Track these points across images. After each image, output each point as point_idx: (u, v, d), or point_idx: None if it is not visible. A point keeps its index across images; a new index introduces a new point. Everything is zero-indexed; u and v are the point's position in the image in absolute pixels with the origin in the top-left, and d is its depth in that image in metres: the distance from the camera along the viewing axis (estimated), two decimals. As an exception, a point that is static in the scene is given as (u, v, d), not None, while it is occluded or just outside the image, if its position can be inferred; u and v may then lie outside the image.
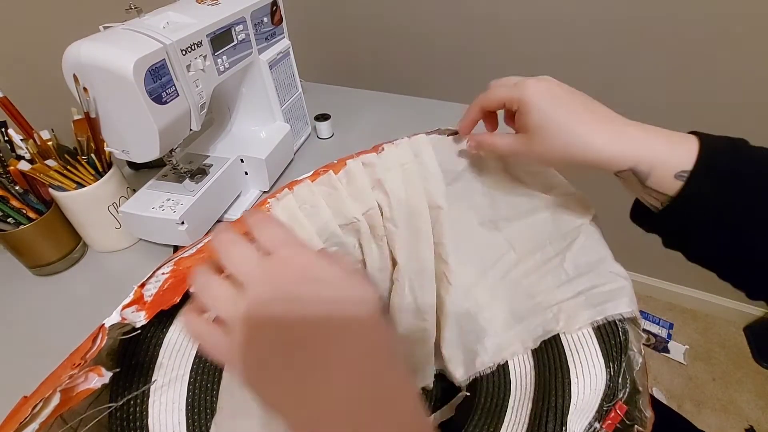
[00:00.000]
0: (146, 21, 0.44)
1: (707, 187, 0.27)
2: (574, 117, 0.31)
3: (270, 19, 0.59)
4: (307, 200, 0.35)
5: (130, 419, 0.28)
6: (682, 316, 1.24)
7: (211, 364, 0.31)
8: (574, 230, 0.38)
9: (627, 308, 0.33)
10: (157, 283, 0.29)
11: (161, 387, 0.29)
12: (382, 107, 0.81)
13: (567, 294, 0.36)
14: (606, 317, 0.33)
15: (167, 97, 0.43)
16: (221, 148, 0.60)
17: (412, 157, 0.38)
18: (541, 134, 0.32)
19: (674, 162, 0.28)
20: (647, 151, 0.29)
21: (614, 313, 0.33)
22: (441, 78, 1.10)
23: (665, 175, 0.28)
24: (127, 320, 0.27)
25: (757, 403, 1.06)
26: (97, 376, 0.24)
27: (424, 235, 0.37)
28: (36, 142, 0.45)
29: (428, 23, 1.01)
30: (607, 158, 0.30)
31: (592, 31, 0.88)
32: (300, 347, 0.20)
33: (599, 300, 0.34)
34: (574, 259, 0.37)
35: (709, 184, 0.27)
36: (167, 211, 0.47)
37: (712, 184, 0.27)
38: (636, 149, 0.29)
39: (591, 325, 0.33)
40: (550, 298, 0.37)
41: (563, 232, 0.39)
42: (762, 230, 0.27)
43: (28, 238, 0.46)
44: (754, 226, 0.27)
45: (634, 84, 0.91)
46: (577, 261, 0.37)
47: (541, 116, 0.32)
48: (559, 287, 0.37)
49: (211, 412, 0.30)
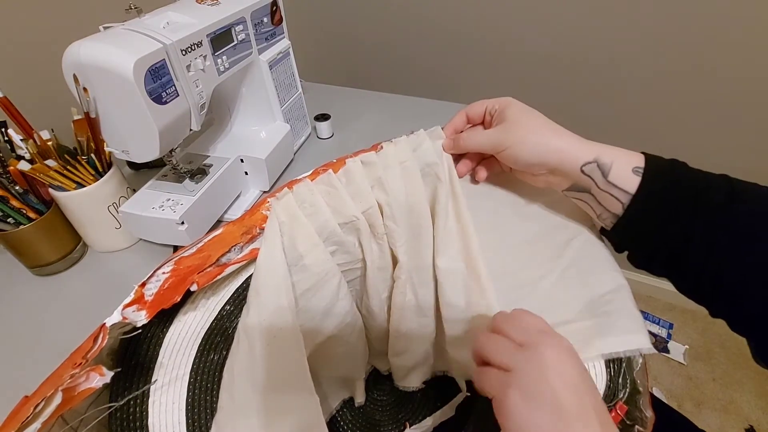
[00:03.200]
0: (146, 21, 0.44)
1: (660, 183, 0.31)
2: (545, 125, 0.35)
3: (270, 19, 0.59)
4: (306, 199, 0.35)
5: (130, 419, 0.28)
6: (682, 316, 1.24)
7: (211, 364, 0.31)
8: (575, 232, 0.38)
9: (645, 345, 0.32)
10: (158, 282, 0.29)
11: (161, 387, 0.29)
12: (382, 107, 0.81)
13: (573, 311, 0.35)
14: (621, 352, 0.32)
15: (167, 97, 0.43)
16: (221, 148, 0.60)
17: (411, 155, 0.38)
18: (515, 127, 0.35)
19: (630, 159, 0.32)
20: (607, 150, 0.33)
21: (630, 348, 0.32)
22: (441, 78, 1.10)
23: (624, 168, 0.32)
24: (128, 319, 0.27)
25: (757, 403, 1.06)
26: (98, 376, 0.24)
27: (424, 233, 0.37)
28: (36, 142, 0.45)
29: (428, 23, 1.01)
30: (574, 152, 0.33)
31: (593, 30, 0.88)
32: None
33: (609, 329, 0.33)
34: (575, 266, 0.37)
35: (661, 181, 0.31)
36: (167, 211, 0.47)
37: (663, 182, 0.31)
38: (598, 148, 0.33)
39: (603, 357, 0.32)
40: (558, 311, 0.35)
41: (564, 233, 0.39)
42: (708, 232, 0.29)
43: (28, 238, 0.46)
44: (701, 229, 0.29)
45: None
46: (582, 268, 0.37)
47: (518, 112, 0.36)
48: (566, 298, 0.36)
49: (211, 412, 0.30)
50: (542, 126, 0.35)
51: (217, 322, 0.32)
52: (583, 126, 0.97)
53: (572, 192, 0.36)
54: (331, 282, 0.35)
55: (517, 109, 0.36)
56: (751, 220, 0.29)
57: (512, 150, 0.35)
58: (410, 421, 0.45)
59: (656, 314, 1.24)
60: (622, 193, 0.32)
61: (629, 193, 0.31)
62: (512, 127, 0.35)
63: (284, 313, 0.31)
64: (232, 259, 0.31)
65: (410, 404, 0.46)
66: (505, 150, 0.35)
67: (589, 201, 0.35)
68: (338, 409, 0.45)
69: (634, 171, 0.31)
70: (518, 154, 0.35)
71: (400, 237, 0.37)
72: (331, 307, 0.35)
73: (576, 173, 0.33)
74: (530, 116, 0.35)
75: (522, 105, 0.36)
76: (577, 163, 0.33)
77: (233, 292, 0.33)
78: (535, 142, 0.34)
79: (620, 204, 0.32)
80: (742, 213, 0.29)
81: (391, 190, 0.37)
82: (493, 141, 0.36)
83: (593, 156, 0.32)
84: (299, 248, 0.33)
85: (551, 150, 0.33)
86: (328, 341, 0.36)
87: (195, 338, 0.31)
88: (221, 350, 0.32)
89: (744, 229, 0.28)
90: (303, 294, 0.34)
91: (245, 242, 0.32)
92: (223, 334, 0.32)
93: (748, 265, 0.28)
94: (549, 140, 0.34)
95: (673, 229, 0.30)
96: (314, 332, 0.35)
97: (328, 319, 0.36)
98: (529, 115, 0.35)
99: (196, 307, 0.31)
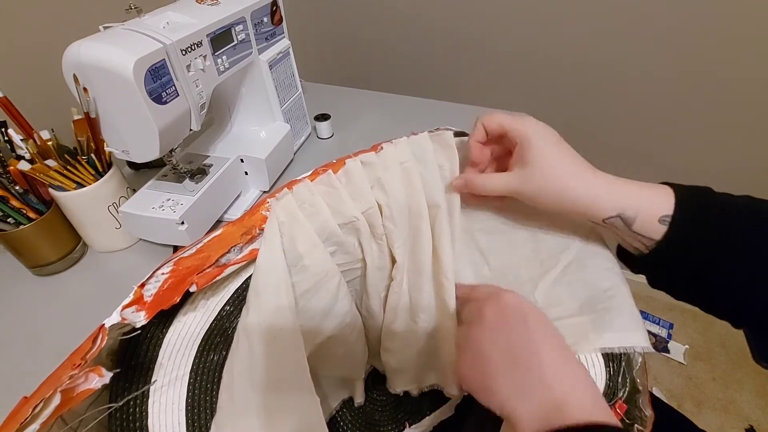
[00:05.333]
0: (146, 21, 0.44)
1: (688, 229, 0.30)
2: (568, 168, 0.33)
3: (270, 19, 0.59)
4: (306, 200, 0.35)
5: (129, 419, 0.28)
6: (682, 316, 1.24)
7: (211, 365, 0.31)
8: (577, 231, 0.38)
9: (643, 343, 0.32)
10: (157, 283, 0.29)
11: (161, 387, 0.29)
12: (382, 107, 0.81)
13: (572, 308, 0.35)
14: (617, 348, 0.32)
15: (167, 97, 0.43)
16: (221, 148, 0.60)
17: (411, 156, 0.38)
18: (537, 171, 0.33)
19: (656, 209, 0.31)
20: (632, 199, 0.31)
21: (626, 345, 0.32)
22: (441, 78, 1.10)
23: (650, 219, 0.31)
24: (127, 320, 0.27)
25: (757, 403, 1.06)
26: (97, 377, 0.24)
27: (423, 234, 0.37)
28: (36, 142, 0.45)
29: (428, 23, 1.01)
30: (598, 204, 0.32)
31: (593, 30, 0.88)
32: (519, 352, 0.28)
33: (607, 325, 0.33)
34: (576, 264, 0.37)
35: (688, 227, 0.30)
36: (167, 211, 0.47)
37: (690, 228, 0.30)
38: (623, 197, 0.32)
39: (601, 351, 0.32)
40: (558, 307, 0.35)
41: (566, 232, 0.38)
42: (735, 263, 0.29)
43: (28, 238, 0.46)
44: (729, 261, 0.29)
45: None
46: (584, 265, 0.36)
47: (540, 154, 0.33)
48: (567, 295, 0.36)
49: (211, 412, 0.30)
50: (565, 171, 0.33)
51: (216, 323, 0.32)
52: (583, 126, 0.97)
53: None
54: (331, 282, 0.35)
55: (538, 151, 0.33)
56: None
57: (533, 199, 0.34)
58: (410, 421, 0.45)
59: (656, 314, 1.24)
60: (646, 239, 0.31)
61: (654, 240, 0.31)
62: (533, 175, 0.33)
63: (284, 313, 0.31)
64: (231, 259, 0.31)
65: (410, 404, 0.46)
66: (525, 199, 0.35)
67: (613, 236, 0.35)
68: (338, 409, 0.45)
69: (660, 221, 0.30)
70: (539, 202, 0.34)
71: (398, 238, 0.37)
72: (331, 307, 0.35)
73: (599, 222, 0.33)
74: (551, 160, 0.33)
75: (542, 139, 0.33)
76: (598, 217, 0.32)
77: (233, 293, 0.33)
78: (555, 193, 0.33)
79: (644, 246, 0.32)
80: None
81: (390, 191, 0.37)
82: (512, 188, 0.35)
83: (617, 211, 0.31)
84: (299, 249, 0.33)
85: (573, 201, 0.32)
86: (327, 341, 0.36)
87: (195, 339, 0.31)
88: (221, 351, 0.32)
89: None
90: (303, 294, 0.34)
91: (245, 243, 0.32)
92: (222, 334, 0.32)
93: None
94: (571, 191, 0.32)
95: (698, 265, 0.30)
96: (314, 332, 0.35)
97: (328, 319, 0.36)
98: (549, 158, 0.33)
99: (196, 307, 0.31)
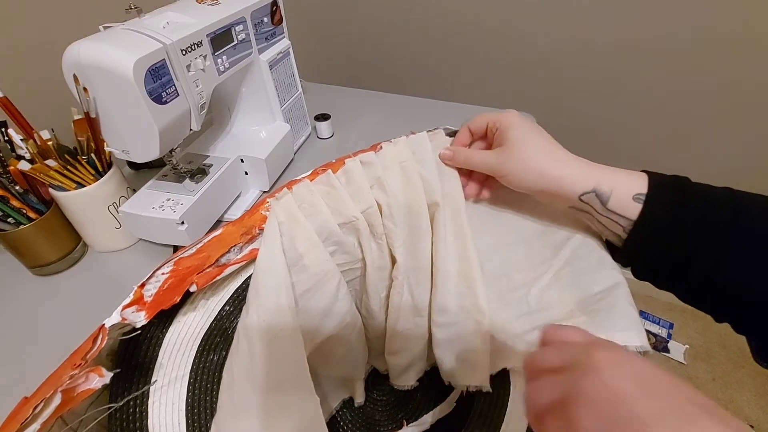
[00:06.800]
0: (146, 21, 0.44)
1: (663, 209, 0.30)
2: (545, 149, 0.35)
3: (270, 19, 0.59)
4: (306, 200, 0.35)
5: (130, 420, 0.28)
6: (682, 316, 1.24)
7: (211, 365, 0.31)
8: (571, 231, 0.38)
9: (638, 342, 0.32)
10: (157, 283, 0.29)
11: (161, 387, 0.29)
12: (382, 107, 0.81)
13: (568, 309, 0.35)
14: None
15: (167, 97, 0.43)
16: (221, 148, 0.60)
17: (411, 155, 0.38)
18: (516, 150, 0.34)
19: (631, 186, 0.31)
20: (607, 176, 0.32)
21: (624, 345, 0.32)
22: (441, 78, 1.10)
23: (624, 196, 0.31)
24: (128, 320, 0.27)
25: (757, 403, 1.06)
26: (97, 377, 0.24)
27: (422, 233, 0.37)
28: (36, 142, 0.45)
29: (428, 23, 1.01)
30: (573, 180, 0.33)
31: (591, 30, 0.88)
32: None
33: (604, 325, 0.33)
34: (570, 266, 0.37)
35: (664, 206, 0.30)
36: (167, 211, 0.47)
37: (665, 208, 0.30)
38: (598, 174, 0.33)
39: None
40: (552, 310, 0.36)
41: (560, 233, 0.38)
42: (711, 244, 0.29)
43: (28, 238, 0.46)
44: (707, 246, 0.29)
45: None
46: (577, 267, 0.36)
47: (519, 134, 0.35)
48: (560, 298, 0.36)
49: (211, 412, 0.30)
50: (541, 151, 0.34)
51: (216, 323, 0.32)
52: (580, 125, 0.98)
53: (574, 210, 0.35)
54: (331, 282, 0.35)
55: (518, 131, 0.35)
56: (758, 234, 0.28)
57: (510, 177, 0.35)
58: (410, 421, 0.45)
59: (656, 314, 1.24)
60: (622, 219, 0.32)
61: (630, 219, 0.31)
62: (511, 153, 0.34)
63: (284, 313, 0.31)
64: (231, 259, 0.31)
65: (410, 404, 0.46)
66: (504, 176, 0.35)
67: (591, 221, 0.35)
68: (338, 409, 0.45)
69: (635, 198, 0.31)
70: (516, 181, 0.35)
71: (398, 237, 0.37)
72: (331, 307, 0.35)
73: (575, 201, 0.33)
74: (530, 139, 0.35)
75: (524, 123, 0.35)
76: (575, 193, 0.33)
77: (233, 293, 0.33)
78: (533, 169, 0.34)
79: (621, 227, 0.32)
80: (747, 228, 0.28)
81: (390, 191, 0.37)
82: (491, 165, 0.36)
83: (592, 186, 0.32)
84: (299, 248, 0.33)
85: (549, 178, 0.33)
86: (327, 341, 0.36)
87: (194, 339, 0.31)
88: (221, 350, 0.32)
89: (751, 244, 0.28)
90: (303, 294, 0.34)
91: (245, 243, 0.32)
92: (222, 334, 0.32)
93: (756, 270, 0.28)
94: (547, 168, 0.33)
95: (677, 251, 0.30)
96: (314, 332, 0.35)
97: (328, 319, 0.36)
98: (528, 137, 0.35)
99: (196, 307, 0.31)
